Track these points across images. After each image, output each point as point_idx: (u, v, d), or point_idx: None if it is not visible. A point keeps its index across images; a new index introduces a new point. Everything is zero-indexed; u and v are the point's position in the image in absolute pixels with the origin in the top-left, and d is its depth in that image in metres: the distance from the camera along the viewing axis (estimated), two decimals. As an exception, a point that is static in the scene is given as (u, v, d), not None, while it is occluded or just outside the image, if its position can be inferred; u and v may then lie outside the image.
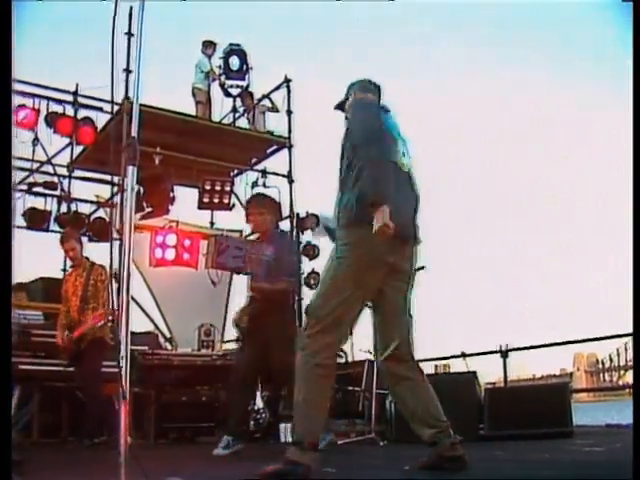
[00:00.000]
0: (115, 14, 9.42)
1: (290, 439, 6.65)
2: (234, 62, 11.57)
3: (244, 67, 11.66)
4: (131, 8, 9.29)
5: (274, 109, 11.95)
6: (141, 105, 9.59)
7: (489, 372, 10.57)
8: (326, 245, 4.56)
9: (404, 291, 4.31)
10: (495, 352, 9.65)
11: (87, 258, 7.97)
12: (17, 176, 10.64)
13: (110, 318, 7.53)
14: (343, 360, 9.55)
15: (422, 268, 8.08)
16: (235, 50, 11.63)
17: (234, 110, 12.02)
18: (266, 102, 12.05)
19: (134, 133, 3.02)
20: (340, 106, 4.68)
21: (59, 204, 11.27)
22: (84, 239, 11.25)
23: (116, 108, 10.31)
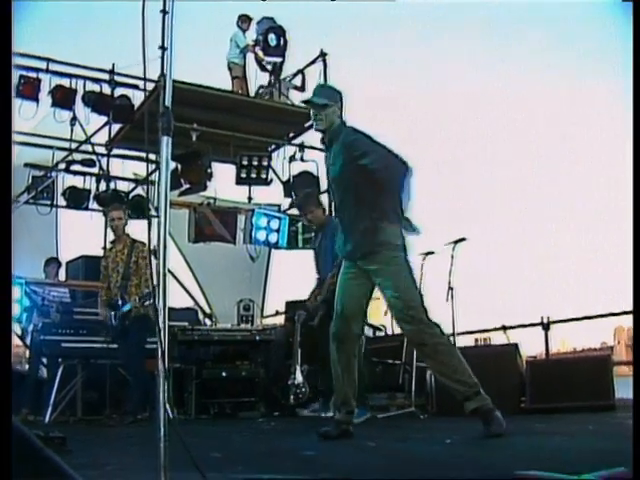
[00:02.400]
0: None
1: (330, 413, 6.77)
2: (272, 38, 11.48)
3: (282, 43, 11.57)
4: (165, -15, 9.31)
5: (301, 88, 11.84)
6: (177, 81, 9.63)
7: (530, 345, 10.49)
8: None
9: None
10: (536, 325, 9.56)
11: (128, 235, 8.00)
12: (56, 156, 10.72)
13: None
14: (383, 333, 9.55)
15: (463, 239, 8.05)
16: (273, 27, 11.52)
17: (269, 85, 11.94)
18: (293, 80, 11.92)
19: (168, 104, 2.98)
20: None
21: (98, 182, 11.36)
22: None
23: (152, 86, 10.41)
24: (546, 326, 9.44)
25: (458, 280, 7.95)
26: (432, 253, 7.89)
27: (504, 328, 9.68)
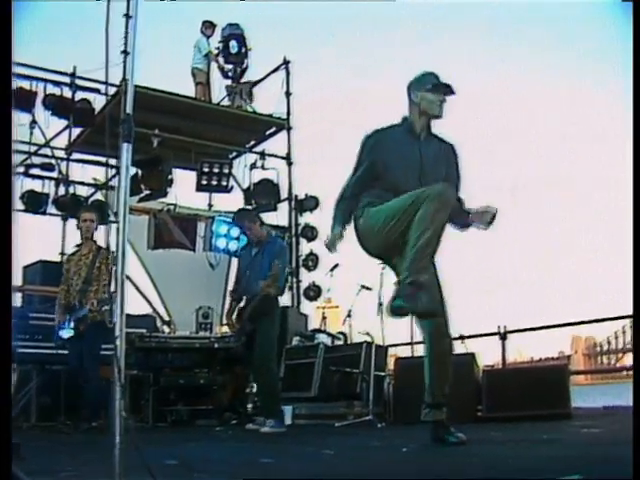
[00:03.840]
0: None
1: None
2: (233, 45, 11.50)
3: (243, 50, 11.59)
4: (129, -10, 9.28)
5: (247, 98, 11.87)
6: (139, 87, 9.64)
7: (488, 354, 10.58)
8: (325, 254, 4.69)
9: None
10: (494, 334, 9.63)
11: (95, 241, 7.93)
12: (15, 159, 10.59)
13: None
14: (341, 342, 9.57)
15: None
16: (234, 34, 11.55)
17: (230, 92, 11.95)
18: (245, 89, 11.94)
19: (129, 110, 2.97)
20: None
21: (57, 187, 11.26)
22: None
23: (113, 90, 10.35)
24: (503, 336, 9.53)
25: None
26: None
27: (462, 338, 9.73)
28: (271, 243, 7.53)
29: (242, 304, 7.51)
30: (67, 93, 11.11)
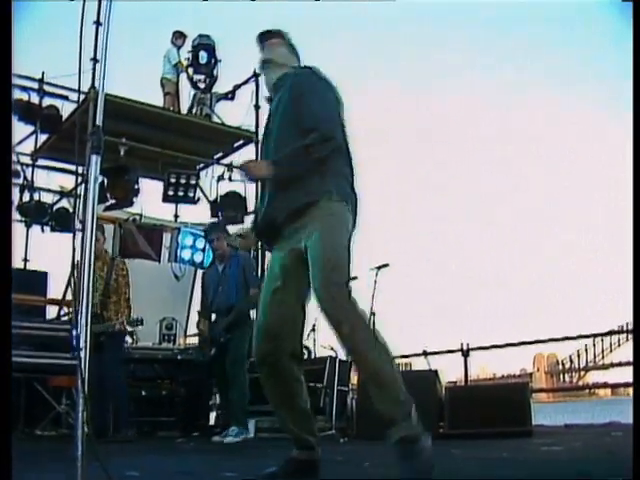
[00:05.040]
0: (84, 2, 9.31)
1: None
2: (203, 55, 11.49)
3: (212, 61, 11.59)
4: (99, -3, 9.24)
5: (230, 98, 11.92)
6: (107, 95, 9.50)
7: (450, 371, 10.64)
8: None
9: None
10: (456, 351, 9.70)
11: (107, 251, 7.98)
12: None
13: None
14: (306, 356, 9.56)
15: (386, 265, 8.15)
16: (204, 44, 11.56)
17: (200, 103, 11.93)
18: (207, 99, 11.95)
19: (99, 122, 2.96)
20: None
21: (21, 193, 11.16)
22: (46, 229, 11.21)
23: (82, 97, 10.28)
24: (465, 353, 9.59)
25: (380, 305, 8.03)
26: (355, 278, 7.94)
27: (425, 354, 9.79)
28: (235, 257, 7.73)
29: (213, 318, 7.67)
30: (35, 99, 11.03)
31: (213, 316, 7.73)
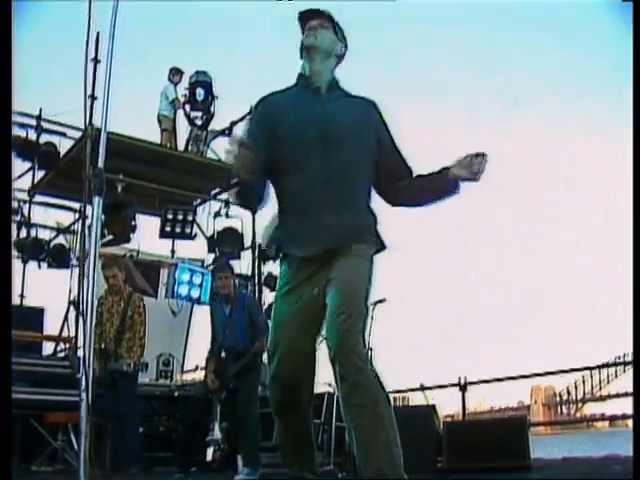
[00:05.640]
0: (88, 39, 9.45)
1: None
2: (199, 92, 11.58)
3: (209, 98, 11.68)
4: (98, 34, 9.35)
5: (228, 134, 11.99)
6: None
7: (448, 404, 10.63)
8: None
9: None
10: (454, 385, 9.69)
11: (126, 285, 7.99)
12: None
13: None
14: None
15: (382, 301, 8.17)
16: (201, 81, 11.65)
17: (197, 139, 12.00)
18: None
19: (101, 163, 3.00)
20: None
21: (19, 229, 11.19)
22: (43, 265, 11.23)
23: (79, 134, 10.36)
24: (463, 387, 9.58)
25: (377, 340, 8.04)
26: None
27: (422, 388, 9.79)
28: (240, 298, 7.68)
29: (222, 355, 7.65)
30: (32, 136, 11.10)
31: (222, 353, 7.67)
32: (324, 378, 8.80)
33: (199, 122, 11.73)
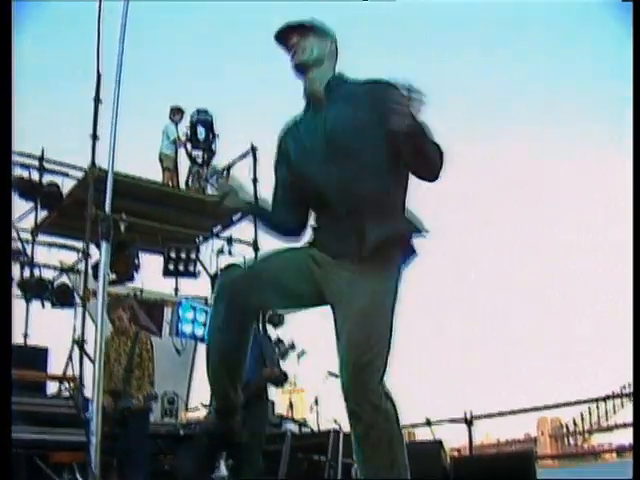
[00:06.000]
0: (99, 82, 9.50)
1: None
2: (200, 131, 11.67)
3: (210, 136, 11.76)
4: (99, 75, 9.43)
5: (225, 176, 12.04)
6: (105, 171, 9.63)
7: (453, 437, 10.58)
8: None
9: None
10: (460, 420, 9.65)
11: (132, 325, 8.03)
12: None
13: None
14: (309, 430, 9.52)
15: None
16: (202, 120, 11.74)
17: (198, 177, 12.07)
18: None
19: (108, 209, 3.03)
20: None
21: (22, 269, 11.21)
22: (47, 304, 11.24)
23: (82, 174, 10.43)
24: (469, 421, 9.54)
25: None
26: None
27: (428, 423, 9.74)
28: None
29: None
30: (35, 176, 11.15)
31: None
32: (330, 414, 8.83)
33: (200, 160, 11.81)
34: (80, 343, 9.49)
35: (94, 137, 10.12)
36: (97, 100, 10.09)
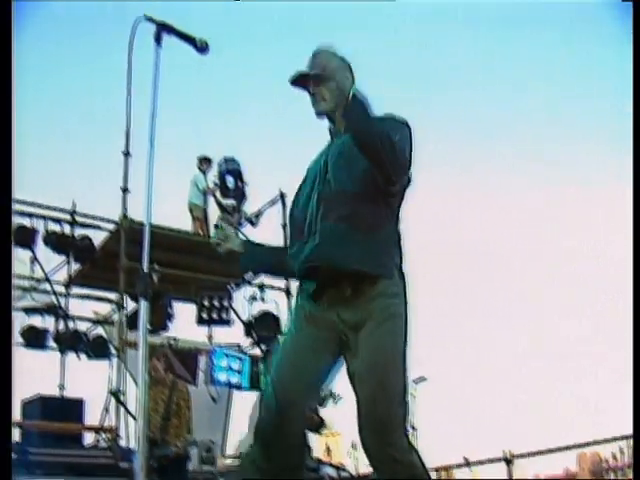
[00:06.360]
0: (128, 136, 9.65)
1: None
2: (229, 180, 11.77)
3: (239, 184, 11.86)
4: (128, 128, 9.60)
5: (253, 223, 12.13)
6: (135, 222, 9.80)
7: (492, 474, 10.48)
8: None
9: None
10: (499, 460, 9.58)
11: (168, 374, 8.12)
12: (15, 294, 10.72)
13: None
14: (347, 474, 9.46)
15: (423, 379, 8.17)
16: (230, 169, 11.85)
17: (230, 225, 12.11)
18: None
19: (145, 267, 3.12)
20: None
21: (57, 322, 11.31)
22: (82, 356, 11.32)
23: (113, 226, 10.58)
24: (509, 461, 9.47)
25: (420, 418, 8.02)
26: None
27: (467, 464, 9.68)
28: None
29: None
30: (67, 229, 11.27)
31: None
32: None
33: (230, 209, 11.88)
34: (116, 394, 9.54)
35: (124, 190, 10.28)
36: (126, 154, 10.26)
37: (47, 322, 11.15)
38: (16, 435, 9.86)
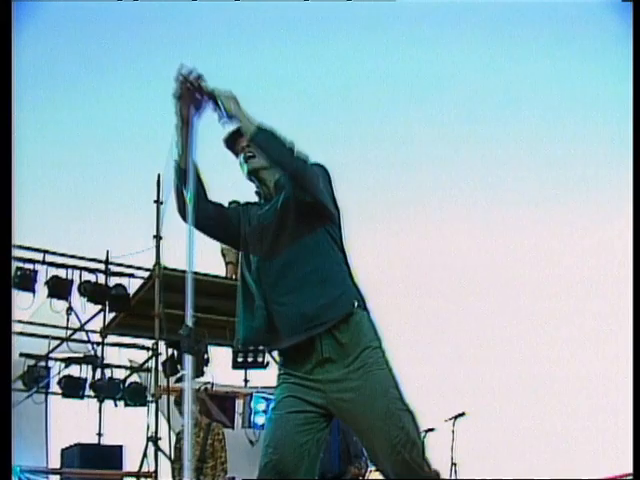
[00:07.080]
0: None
1: None
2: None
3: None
4: (159, 177, 9.75)
5: None
6: (168, 269, 9.90)
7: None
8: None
9: None
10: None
11: (204, 417, 8.20)
12: (52, 344, 10.88)
13: None
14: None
15: (462, 415, 8.12)
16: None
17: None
18: None
19: (189, 322, 3.19)
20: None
21: (94, 370, 11.40)
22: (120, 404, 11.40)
23: (146, 274, 10.71)
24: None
25: (461, 455, 7.97)
26: (432, 430, 7.90)
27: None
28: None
29: None
30: (101, 279, 11.41)
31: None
32: None
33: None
34: (154, 440, 9.59)
35: (157, 237, 10.42)
36: (158, 202, 10.42)
37: (84, 371, 11.22)
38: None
